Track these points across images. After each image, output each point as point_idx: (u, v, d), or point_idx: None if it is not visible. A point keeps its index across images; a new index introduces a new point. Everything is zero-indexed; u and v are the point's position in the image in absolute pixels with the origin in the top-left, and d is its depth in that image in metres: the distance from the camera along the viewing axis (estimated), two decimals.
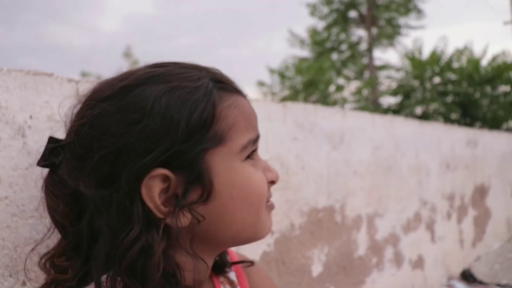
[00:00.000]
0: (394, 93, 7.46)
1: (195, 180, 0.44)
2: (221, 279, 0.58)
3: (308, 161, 1.16)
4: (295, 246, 1.10)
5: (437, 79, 7.01)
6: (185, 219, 0.44)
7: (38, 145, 0.56)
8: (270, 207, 0.52)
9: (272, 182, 0.52)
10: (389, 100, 7.54)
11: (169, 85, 0.45)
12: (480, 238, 2.33)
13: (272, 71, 7.32)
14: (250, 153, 0.48)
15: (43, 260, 0.49)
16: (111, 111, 0.44)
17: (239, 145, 0.46)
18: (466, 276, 1.88)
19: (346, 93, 7.53)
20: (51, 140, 0.49)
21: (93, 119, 0.45)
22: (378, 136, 1.49)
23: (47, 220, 0.51)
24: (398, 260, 1.55)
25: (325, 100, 7.00)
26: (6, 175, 0.54)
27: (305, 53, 8.37)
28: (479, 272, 2.01)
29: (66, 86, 0.63)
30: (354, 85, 7.77)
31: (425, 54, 7.23)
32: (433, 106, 6.71)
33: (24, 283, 0.55)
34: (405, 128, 1.67)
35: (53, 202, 0.48)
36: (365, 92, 7.52)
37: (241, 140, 0.47)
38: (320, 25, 8.39)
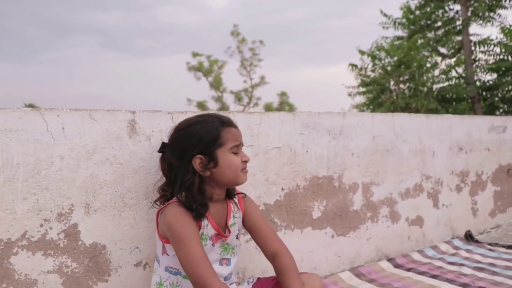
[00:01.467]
0: (492, 69, 7.38)
1: (211, 159, 1.26)
2: (231, 201, 1.39)
3: (311, 147, 1.90)
4: (299, 198, 1.86)
5: None
6: (207, 173, 1.27)
7: (157, 143, 1.43)
8: (244, 171, 1.32)
9: (245, 161, 1.31)
10: (485, 77, 7.51)
11: (202, 124, 1.28)
12: (503, 210, 2.79)
13: (362, 52, 7.74)
14: (235, 150, 1.28)
15: (159, 189, 1.36)
16: (182, 134, 1.29)
17: (228, 146, 1.27)
18: (467, 236, 2.43)
19: (438, 72, 7.66)
20: (162, 142, 1.36)
21: (177, 135, 1.30)
22: (377, 128, 2.14)
23: (159, 174, 1.38)
24: (393, 217, 2.20)
25: (416, 80, 7.24)
26: (145, 156, 1.42)
27: (399, 32, 8.57)
28: (493, 237, 2.53)
29: (167, 116, 1.49)
30: (447, 63, 7.83)
31: None
32: None
33: (150, 202, 1.43)
34: (408, 120, 2.28)
35: (162, 166, 1.35)
36: (459, 70, 7.52)
37: (229, 145, 1.27)
38: (415, 1, 8.46)
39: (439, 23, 8.04)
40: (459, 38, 8.14)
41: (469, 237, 2.41)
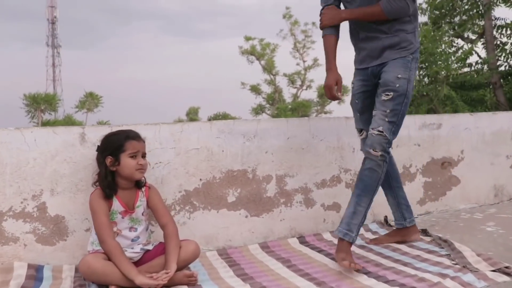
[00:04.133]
0: None
1: (116, 160, 2.11)
2: (140, 190, 2.23)
3: (226, 147, 2.67)
4: (215, 186, 2.65)
5: None
6: (114, 168, 2.12)
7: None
8: (140, 171, 2.15)
9: (140, 164, 2.13)
10: (508, 62, 7.57)
11: (114, 136, 2.15)
12: (435, 199, 3.36)
13: None
14: (133, 155, 2.12)
15: (94, 176, 2.23)
16: (104, 141, 2.15)
17: (128, 153, 2.11)
18: (385, 221, 3.06)
19: (457, 57, 7.83)
20: (97, 146, 2.23)
21: (102, 141, 2.16)
22: (292, 130, 2.84)
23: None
24: (308, 203, 2.91)
25: (436, 67, 7.50)
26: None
27: (423, 18, 8.77)
28: (417, 223, 3.13)
29: (107, 129, 2.34)
30: (467, 47, 7.96)
31: None
32: None
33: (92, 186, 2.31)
34: (325, 123, 2.95)
35: (96, 161, 2.23)
36: (482, 54, 7.62)
37: (128, 152, 2.11)
38: None
39: (463, 8, 8.16)
40: (481, 22, 8.21)
41: (385, 221, 3.05)
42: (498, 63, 7.85)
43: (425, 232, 2.82)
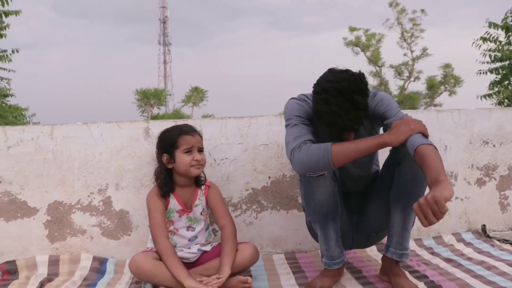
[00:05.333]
0: None
1: (171, 157, 2.03)
2: (199, 188, 2.14)
3: None
4: (285, 185, 2.46)
5: None
6: (170, 166, 2.04)
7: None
8: (196, 167, 2.04)
9: (196, 160, 2.03)
10: None
11: (168, 133, 2.06)
12: None
13: (494, 25, 7.19)
14: (187, 151, 2.02)
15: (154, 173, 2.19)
16: (159, 138, 2.09)
17: (182, 149, 2.02)
18: (483, 230, 2.63)
19: None
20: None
21: (158, 139, 2.11)
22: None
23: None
24: None
25: None
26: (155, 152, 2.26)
27: None
28: None
29: (172, 123, 2.28)
30: None
31: None
32: None
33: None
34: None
35: (157, 159, 2.18)
36: None
37: (182, 148, 2.02)
38: None
39: None
40: None
41: (482, 231, 2.63)
42: None
43: None
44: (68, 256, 2.27)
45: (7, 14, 8.91)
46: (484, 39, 7.40)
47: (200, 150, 2.07)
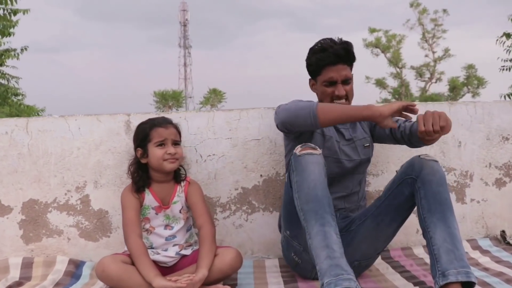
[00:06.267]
0: None
1: (145, 151, 1.86)
2: (178, 184, 1.95)
3: None
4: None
5: None
6: (144, 161, 1.86)
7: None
8: (169, 161, 1.85)
9: (170, 154, 1.84)
10: None
11: (142, 126, 1.88)
12: None
13: None
14: (159, 144, 1.84)
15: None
16: (134, 132, 1.91)
17: (154, 142, 1.84)
18: (502, 237, 2.36)
19: None
20: None
21: (134, 133, 1.93)
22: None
23: None
24: None
25: None
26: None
27: None
28: None
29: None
30: None
31: None
32: None
33: None
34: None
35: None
36: None
37: (154, 141, 1.84)
38: None
39: None
40: None
41: (501, 237, 2.36)
42: None
43: None
44: (42, 259, 2.11)
45: (15, 12, 8.94)
46: (507, 35, 7.06)
47: (176, 143, 1.89)
